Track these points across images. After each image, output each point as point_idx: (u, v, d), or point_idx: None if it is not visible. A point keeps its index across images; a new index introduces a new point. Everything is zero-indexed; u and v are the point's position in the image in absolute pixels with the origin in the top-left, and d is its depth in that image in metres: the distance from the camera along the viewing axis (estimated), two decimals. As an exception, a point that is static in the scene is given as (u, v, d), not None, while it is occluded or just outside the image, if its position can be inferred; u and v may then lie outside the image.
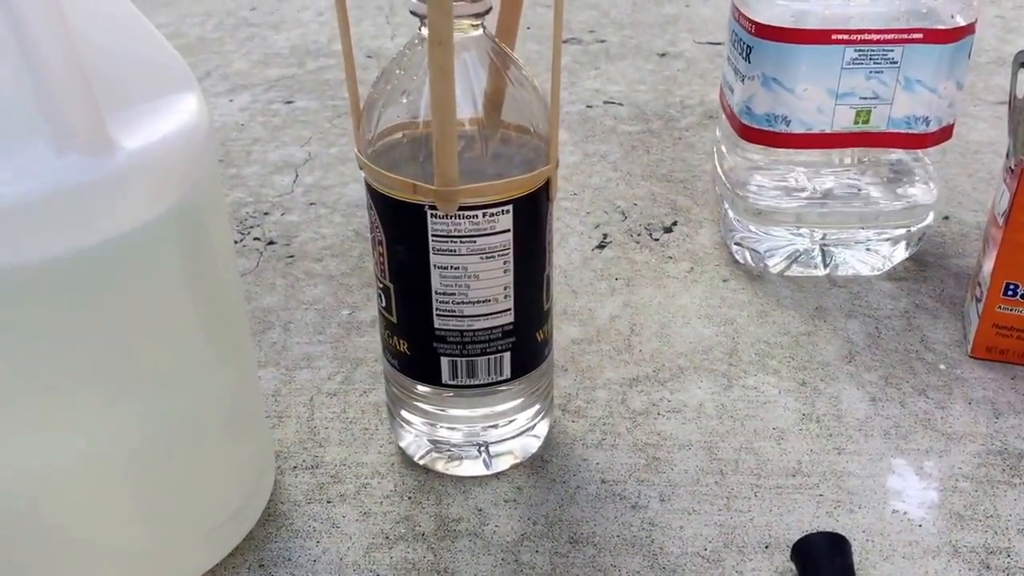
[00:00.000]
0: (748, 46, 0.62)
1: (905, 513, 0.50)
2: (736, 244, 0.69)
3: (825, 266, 0.67)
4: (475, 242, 0.45)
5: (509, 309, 0.48)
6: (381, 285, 0.49)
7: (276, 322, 0.66)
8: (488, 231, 0.45)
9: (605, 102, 0.96)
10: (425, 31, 0.44)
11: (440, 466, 0.53)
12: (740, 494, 0.51)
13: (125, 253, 0.38)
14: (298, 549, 0.49)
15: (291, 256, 0.73)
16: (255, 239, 0.75)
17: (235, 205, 0.80)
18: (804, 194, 0.66)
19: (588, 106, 0.95)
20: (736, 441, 0.55)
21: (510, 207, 0.45)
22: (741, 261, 0.69)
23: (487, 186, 0.44)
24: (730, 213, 0.68)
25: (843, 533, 0.48)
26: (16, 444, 0.39)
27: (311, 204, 0.80)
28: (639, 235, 0.74)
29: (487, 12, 0.45)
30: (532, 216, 0.47)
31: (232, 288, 0.48)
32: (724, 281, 0.68)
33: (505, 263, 0.47)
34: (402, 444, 0.54)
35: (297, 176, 0.84)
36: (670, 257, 0.71)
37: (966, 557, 0.47)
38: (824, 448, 0.54)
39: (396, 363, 0.51)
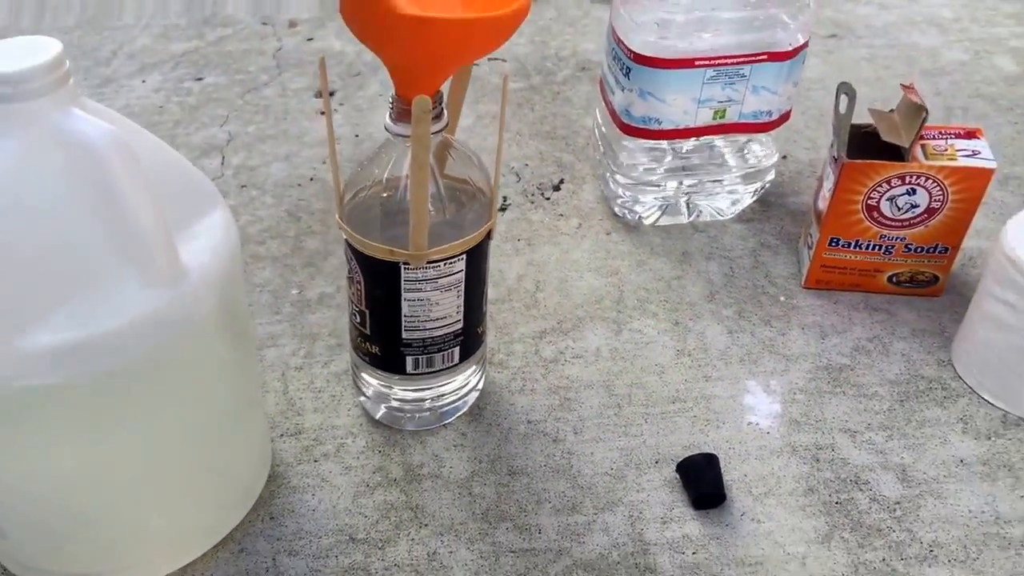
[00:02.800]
0: (627, 67, 0.76)
1: (757, 424, 0.67)
2: (617, 206, 0.84)
3: (689, 215, 0.83)
4: (437, 282, 0.61)
5: (460, 319, 0.63)
6: (357, 308, 0.63)
7: (236, 306, 0.78)
8: (447, 274, 0.61)
9: (490, 59, 1.09)
10: (399, 137, 0.57)
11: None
12: (634, 422, 0.67)
13: (191, 341, 0.52)
14: (298, 502, 0.63)
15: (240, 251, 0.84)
16: (199, 226, 0.86)
17: (173, 193, 0.90)
18: (667, 159, 0.81)
19: (475, 64, 1.07)
20: (628, 378, 0.70)
21: (464, 255, 0.60)
22: (620, 215, 0.84)
23: (449, 247, 0.59)
24: (611, 183, 0.83)
25: (712, 446, 0.65)
26: (108, 453, 0.52)
27: (243, 187, 0.91)
28: (533, 195, 0.88)
29: (443, 130, 0.59)
30: (479, 256, 0.62)
31: (251, 326, 0.61)
32: (607, 234, 0.83)
33: (459, 292, 0.62)
34: (366, 405, 0.68)
35: (224, 159, 0.94)
36: (561, 215, 0.86)
37: (801, 454, 0.65)
38: (695, 377, 0.70)
39: (367, 359, 0.65)
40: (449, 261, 0.60)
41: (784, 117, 0.80)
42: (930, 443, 0.66)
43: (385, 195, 0.60)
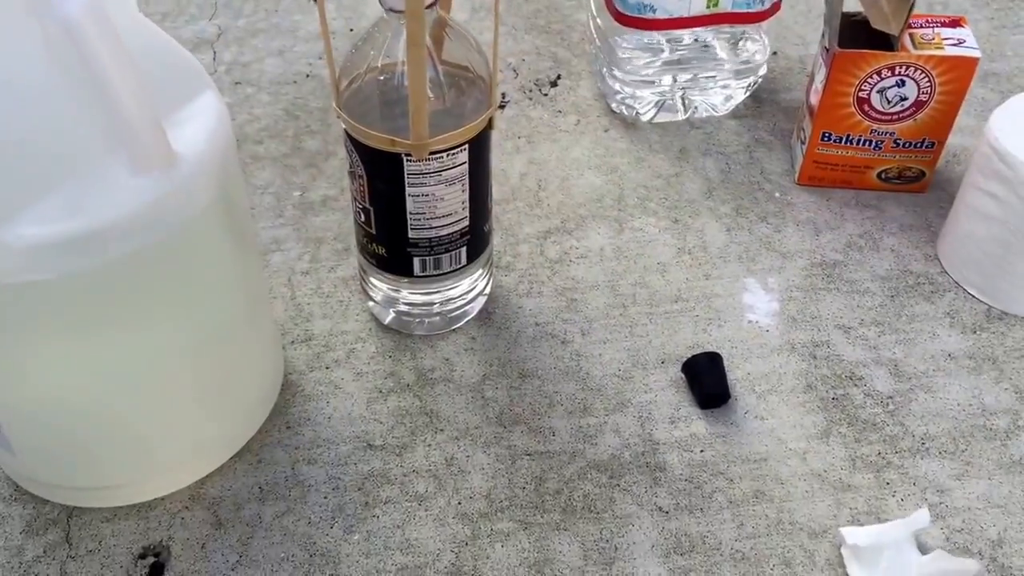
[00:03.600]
0: (622, -53, 0.71)
1: (757, 322, 0.65)
2: (615, 101, 0.80)
3: (685, 111, 0.80)
4: (441, 175, 0.57)
5: (466, 216, 0.60)
6: (361, 206, 0.60)
7: (240, 210, 0.74)
8: (451, 166, 0.57)
9: (478, -53, 1.02)
10: (390, 15, 0.53)
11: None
12: (639, 322, 0.66)
13: (189, 235, 0.48)
14: (313, 410, 0.61)
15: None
16: (197, 127, 0.81)
17: (167, 92, 0.85)
18: (664, 54, 0.77)
19: (463, -47, 1.01)
20: (631, 278, 0.68)
21: (466, 146, 0.56)
22: (617, 111, 0.81)
23: (450, 136, 0.55)
24: (607, 79, 0.79)
25: (715, 345, 0.64)
26: (113, 355, 0.49)
27: (237, 84, 0.85)
28: (531, 91, 0.84)
29: (436, 3, 0.54)
30: (482, 147, 0.58)
31: (252, 226, 0.57)
32: (605, 131, 0.80)
33: (463, 186, 0.58)
34: (375, 310, 0.66)
35: (215, 54, 0.89)
36: (559, 111, 0.82)
37: (799, 351, 0.63)
38: (696, 276, 0.68)
39: (373, 261, 0.62)
40: (452, 152, 0.56)
41: (775, 7, 0.76)
42: (919, 338, 0.65)
43: (382, 79, 0.56)
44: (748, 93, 0.81)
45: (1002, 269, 0.65)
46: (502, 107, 0.83)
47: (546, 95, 0.84)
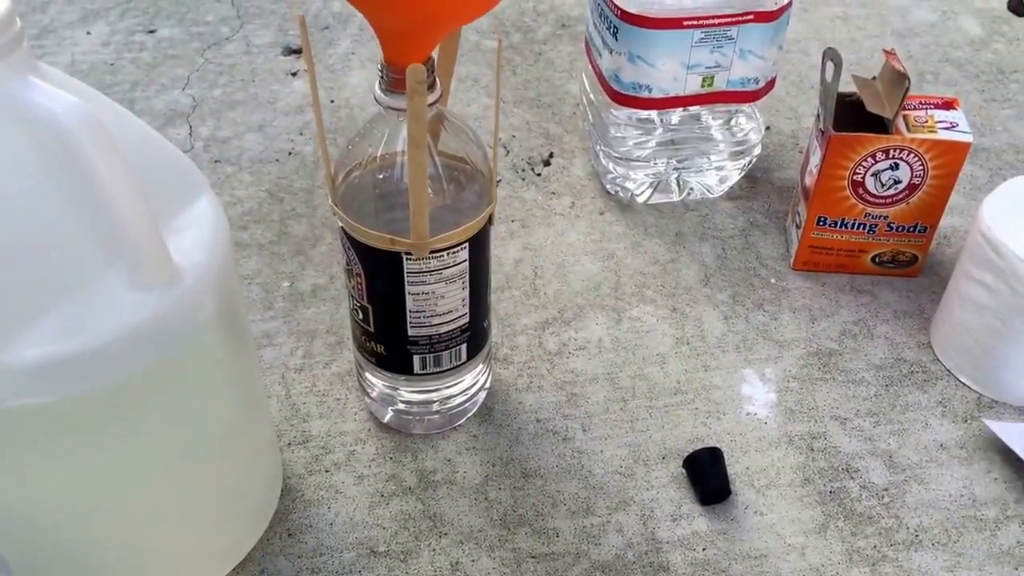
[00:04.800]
0: (615, 26, 0.79)
1: (755, 414, 0.73)
2: (608, 182, 0.88)
3: (680, 192, 0.88)
4: (442, 273, 0.63)
5: (466, 312, 0.66)
6: (359, 304, 0.66)
7: (230, 302, 0.81)
8: (451, 264, 0.63)
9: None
10: (391, 111, 0.58)
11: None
12: (639, 416, 0.73)
13: (191, 350, 0.52)
14: (314, 516, 0.68)
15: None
16: (180, 212, 0.88)
17: (147, 174, 0.92)
18: (657, 132, 0.85)
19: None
20: (631, 370, 0.76)
21: (467, 243, 0.63)
22: (612, 193, 0.89)
23: (451, 234, 0.61)
24: (601, 158, 0.87)
25: (714, 439, 0.71)
26: (111, 474, 0.53)
27: (216, 162, 0.93)
28: (523, 171, 0.92)
29: (437, 101, 0.60)
30: (482, 243, 0.65)
31: (250, 330, 0.63)
32: (601, 214, 0.88)
33: (464, 283, 0.65)
34: (372, 408, 0.72)
35: (191, 129, 0.96)
36: (553, 192, 0.90)
37: (797, 444, 0.71)
38: (695, 367, 0.76)
39: (373, 359, 0.69)
40: (452, 251, 0.62)
41: (770, 84, 0.84)
42: (913, 427, 0.72)
43: (380, 176, 0.62)
44: (743, 173, 0.89)
45: (992, 358, 0.73)
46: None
47: (539, 175, 0.92)
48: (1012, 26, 1.08)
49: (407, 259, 0.61)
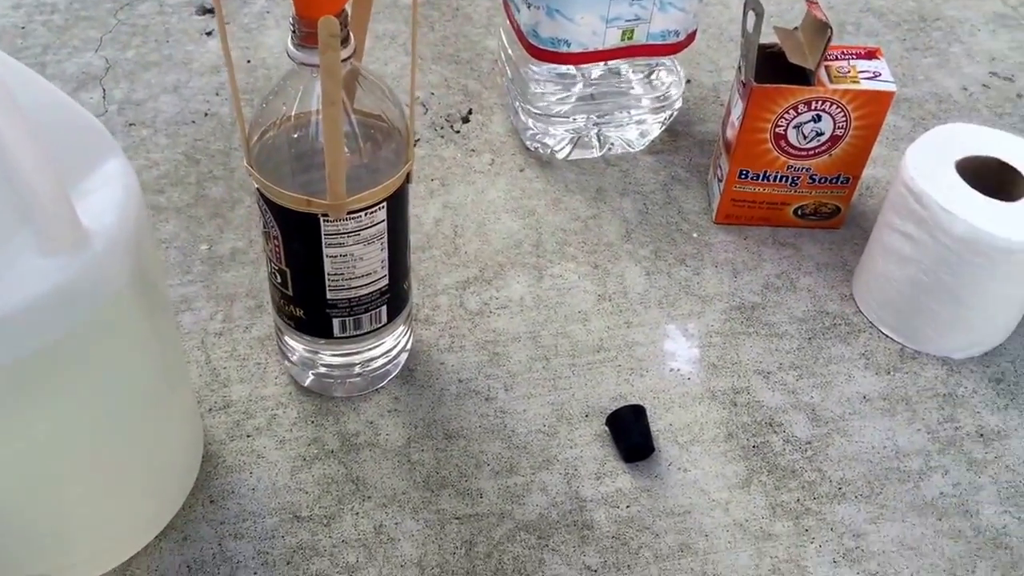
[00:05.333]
0: (533, -20, 0.77)
1: (678, 370, 0.72)
2: (528, 139, 0.86)
3: (600, 147, 0.86)
4: (359, 234, 0.61)
5: (385, 275, 0.65)
6: (277, 267, 0.64)
7: (145, 267, 0.78)
8: (369, 225, 0.61)
9: (379, -33, 1.06)
10: (304, 67, 0.56)
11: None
12: (562, 374, 0.72)
13: (104, 318, 0.50)
14: (236, 482, 0.66)
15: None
16: (92, 176, 0.84)
17: (56, 137, 0.88)
18: (576, 87, 0.83)
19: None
20: (553, 328, 0.75)
21: (384, 203, 0.61)
22: (532, 149, 0.87)
23: (368, 194, 0.60)
24: (520, 114, 0.85)
25: (637, 396, 0.71)
26: (26, 446, 0.51)
27: (131, 125, 0.89)
28: (442, 128, 0.90)
29: (351, 56, 0.58)
30: (401, 203, 0.63)
31: (168, 297, 0.61)
32: (521, 171, 0.86)
33: (382, 244, 0.63)
34: (293, 372, 0.71)
35: (105, 92, 0.92)
36: (473, 150, 0.88)
37: (720, 399, 0.71)
38: (617, 324, 0.75)
39: (292, 323, 0.67)
40: (370, 211, 0.60)
41: (691, 37, 0.83)
42: (836, 380, 0.72)
43: (295, 136, 0.60)
44: (664, 127, 0.88)
45: (915, 309, 0.73)
46: (414, 145, 0.88)
47: (458, 132, 0.90)
48: (930, -23, 1.07)
49: (324, 221, 0.60)
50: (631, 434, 0.68)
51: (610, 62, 0.83)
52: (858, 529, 0.64)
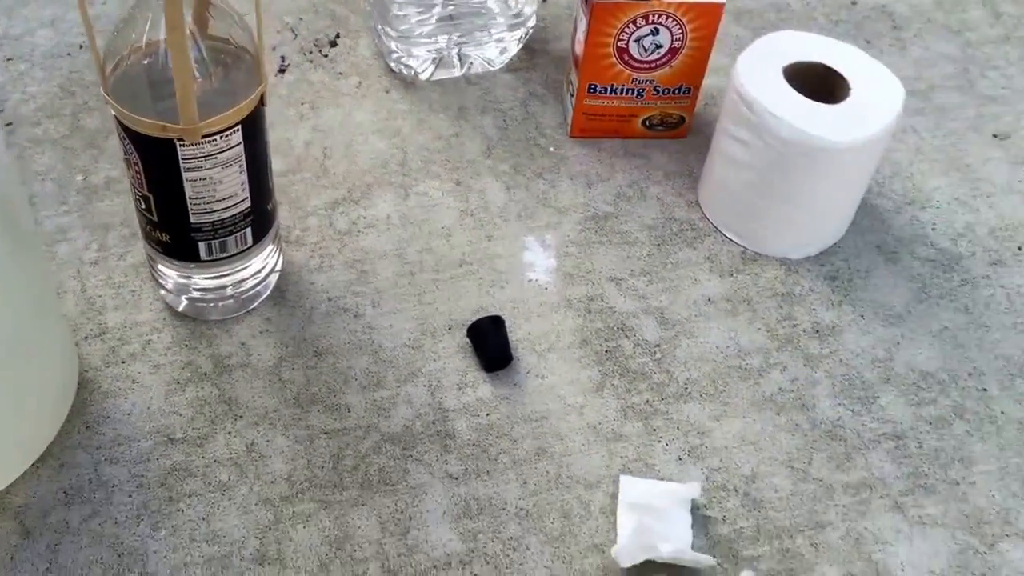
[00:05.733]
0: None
1: (536, 280, 0.69)
2: (392, 61, 0.80)
3: (461, 67, 0.80)
4: (216, 158, 0.57)
5: (247, 197, 0.60)
6: (140, 194, 0.59)
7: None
8: (225, 148, 0.56)
9: None
10: None
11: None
12: (426, 289, 0.68)
13: None
14: (112, 407, 0.61)
15: (9, 124, 0.77)
16: (-37, 110, 0.77)
17: (-75, 72, 0.79)
18: (436, 8, 0.77)
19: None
20: (418, 244, 0.70)
21: (239, 126, 0.56)
22: (396, 71, 0.81)
23: (221, 117, 0.55)
24: (383, 37, 0.78)
25: (498, 307, 0.67)
26: None
27: (8, 60, 0.81)
28: (311, 53, 0.83)
29: None
30: (256, 126, 0.58)
31: (30, 222, 0.56)
32: (387, 92, 0.80)
33: (240, 167, 0.58)
34: (168, 299, 0.66)
35: (-24, 26, 0.83)
36: (340, 73, 0.81)
37: (576, 307, 0.67)
38: (479, 238, 0.71)
39: (159, 248, 0.62)
40: (225, 134, 0.56)
41: None
42: (683, 284, 0.70)
43: (147, 62, 0.55)
44: (521, 45, 0.82)
45: (753, 212, 0.70)
46: (282, 71, 0.81)
47: (326, 56, 0.83)
48: None
49: (180, 145, 0.55)
50: (490, 344, 0.64)
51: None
52: (702, 427, 0.62)
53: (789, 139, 0.65)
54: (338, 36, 0.85)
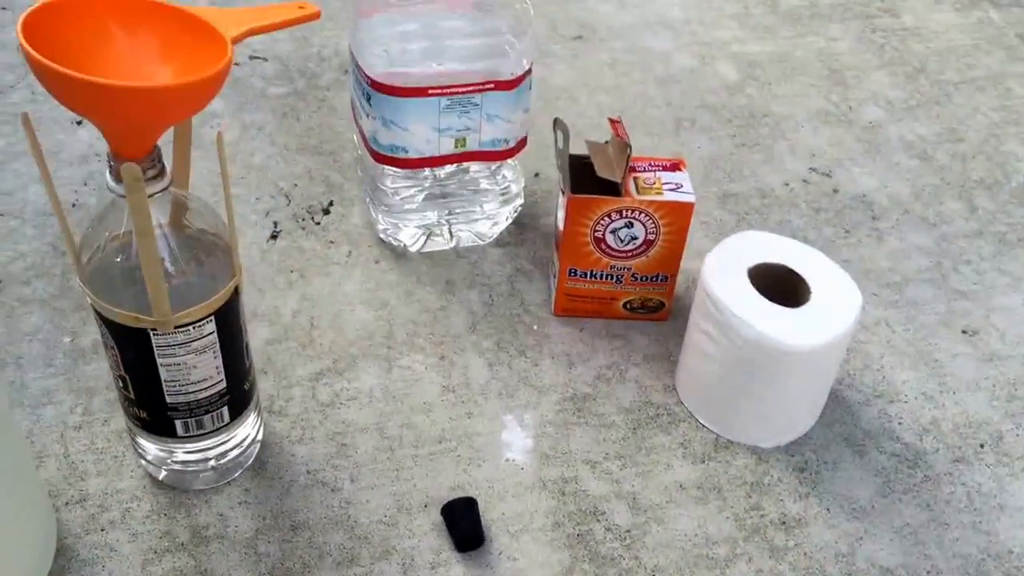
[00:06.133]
0: (368, 93, 0.77)
1: (513, 460, 0.72)
2: (381, 233, 0.86)
3: (451, 240, 0.86)
4: (190, 346, 0.60)
5: (222, 379, 0.64)
6: (118, 373, 0.63)
7: (7, 358, 0.75)
8: (198, 337, 0.60)
9: (251, 57, 1.05)
10: (120, 197, 0.55)
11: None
12: (405, 464, 0.71)
13: None
14: (89, 575, 0.64)
15: (0, 282, 0.81)
16: (-41, 266, 0.81)
17: (-73, 225, 0.84)
18: (427, 184, 0.83)
19: (236, 63, 1.03)
20: (399, 419, 0.74)
21: (212, 317, 0.60)
22: (387, 241, 0.86)
23: (194, 310, 0.59)
24: (371, 210, 0.84)
25: (474, 486, 0.70)
26: None
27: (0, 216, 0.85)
28: (303, 219, 0.88)
29: (167, 187, 0.57)
30: (230, 314, 0.62)
31: (8, 411, 0.59)
32: (376, 263, 0.85)
33: (215, 353, 0.62)
34: (148, 468, 0.69)
35: (-24, 181, 0.88)
36: (331, 241, 0.87)
37: (550, 488, 0.71)
38: (459, 414, 0.75)
39: (138, 423, 0.65)
40: (198, 324, 0.59)
41: (521, 143, 0.84)
42: (656, 469, 0.73)
43: (119, 258, 0.59)
44: (510, 220, 0.88)
45: (724, 402, 0.74)
46: (275, 237, 0.87)
47: (319, 224, 0.89)
48: (765, 71, 1.10)
49: (154, 335, 0.59)
50: (461, 525, 0.67)
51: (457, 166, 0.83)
52: (668, 615, 0.65)
53: (751, 340, 0.69)
54: (331, 204, 0.90)
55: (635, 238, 0.78)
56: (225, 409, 0.65)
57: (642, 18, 1.18)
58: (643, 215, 0.76)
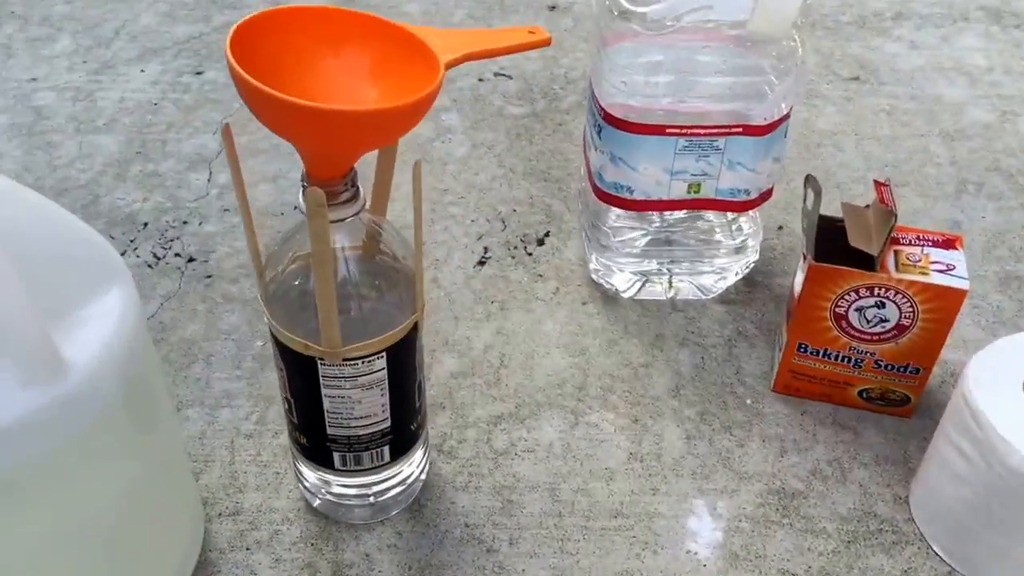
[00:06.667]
0: (599, 125, 0.71)
1: (696, 554, 0.64)
2: (593, 274, 0.80)
3: (669, 288, 0.78)
4: (357, 380, 0.57)
5: (387, 418, 0.60)
6: (284, 395, 0.61)
7: (199, 355, 0.76)
8: (367, 372, 0.57)
9: (496, 74, 1.03)
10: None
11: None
12: (572, 536, 0.65)
13: (83, 442, 0.48)
14: (226, 595, 0.62)
15: (209, 276, 0.82)
16: (176, 255, 0.84)
17: (156, 212, 0.88)
18: (654, 227, 0.76)
19: (479, 79, 1.01)
20: (575, 482, 0.68)
21: (384, 353, 0.57)
22: (598, 282, 0.80)
23: (365, 344, 0.56)
24: (586, 248, 0.78)
25: (646, 574, 0.62)
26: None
27: (225, 211, 0.88)
28: (515, 248, 0.84)
29: (358, 213, 0.54)
30: (404, 353, 0.58)
31: (168, 410, 0.58)
32: (583, 304, 0.79)
33: (382, 391, 0.59)
34: (305, 493, 0.66)
35: (211, 175, 0.91)
36: (540, 275, 0.82)
37: (734, 595, 0.62)
38: (643, 488, 0.67)
39: (298, 448, 0.63)
40: (368, 359, 0.56)
41: (765, 195, 0.74)
42: (870, 595, 0.63)
43: (297, 281, 0.57)
44: (740, 276, 0.79)
45: (968, 533, 0.62)
46: (482, 263, 0.83)
47: (530, 254, 0.84)
48: (1084, 134, 0.94)
49: (321, 364, 0.56)
50: (625, 621, 0.60)
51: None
52: None
53: (1017, 470, 0.57)
54: (547, 235, 0.85)
55: (885, 320, 0.67)
56: (387, 448, 0.62)
57: (935, 62, 1.05)
58: (899, 296, 0.65)
